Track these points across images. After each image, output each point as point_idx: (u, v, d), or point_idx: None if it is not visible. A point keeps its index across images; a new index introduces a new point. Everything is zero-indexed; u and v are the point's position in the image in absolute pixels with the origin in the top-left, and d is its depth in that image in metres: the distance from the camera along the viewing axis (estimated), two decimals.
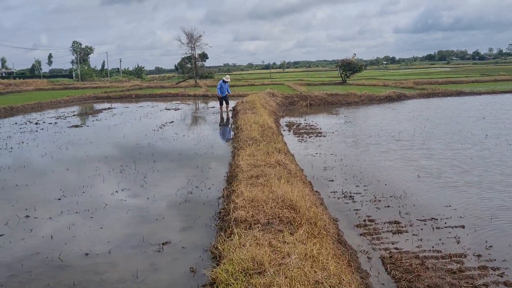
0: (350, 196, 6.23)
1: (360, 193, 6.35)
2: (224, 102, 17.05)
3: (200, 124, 13.85)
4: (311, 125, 13.34)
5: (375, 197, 6.12)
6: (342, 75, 36.46)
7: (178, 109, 18.97)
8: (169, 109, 18.63)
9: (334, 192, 6.45)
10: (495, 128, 11.78)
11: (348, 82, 35.33)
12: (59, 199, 6.11)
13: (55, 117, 16.49)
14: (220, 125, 13.74)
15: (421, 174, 7.35)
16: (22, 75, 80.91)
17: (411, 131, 11.81)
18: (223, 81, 16.92)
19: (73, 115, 17.03)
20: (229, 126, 13.33)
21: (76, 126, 13.60)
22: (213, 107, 19.25)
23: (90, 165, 8.17)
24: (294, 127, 13.23)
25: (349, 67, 35.51)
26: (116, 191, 6.43)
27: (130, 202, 5.91)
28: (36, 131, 12.81)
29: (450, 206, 5.69)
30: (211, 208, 5.53)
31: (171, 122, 14.08)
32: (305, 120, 14.85)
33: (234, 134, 10.71)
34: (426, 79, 37.44)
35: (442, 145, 9.75)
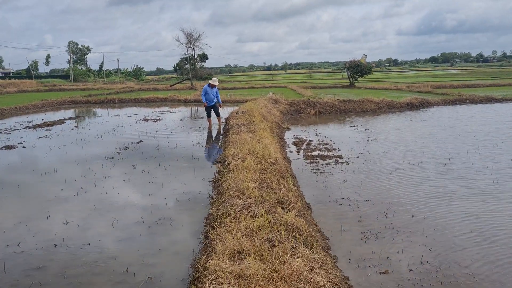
0: None
1: None
2: (213, 112, 13.21)
3: (176, 147, 9.82)
4: (326, 143, 10.25)
5: None
6: (350, 78, 33.41)
7: (158, 119, 15.32)
8: (147, 120, 15.11)
9: None
10: None
11: (357, 85, 32.28)
12: None
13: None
14: (206, 147, 10.00)
15: None
16: (18, 75, 78.22)
17: (463, 154, 8.72)
18: (209, 85, 12.89)
19: (25, 128, 13.62)
20: (218, 150, 9.53)
21: (10, 147, 10.10)
22: (202, 117, 15.46)
23: None
24: (304, 146, 10.14)
25: (357, 69, 32.51)
26: None
27: None
28: None
29: None
30: None
31: (138, 143, 10.46)
32: (316, 134, 11.76)
33: (216, 179, 6.79)
34: (442, 82, 34.30)
35: None
